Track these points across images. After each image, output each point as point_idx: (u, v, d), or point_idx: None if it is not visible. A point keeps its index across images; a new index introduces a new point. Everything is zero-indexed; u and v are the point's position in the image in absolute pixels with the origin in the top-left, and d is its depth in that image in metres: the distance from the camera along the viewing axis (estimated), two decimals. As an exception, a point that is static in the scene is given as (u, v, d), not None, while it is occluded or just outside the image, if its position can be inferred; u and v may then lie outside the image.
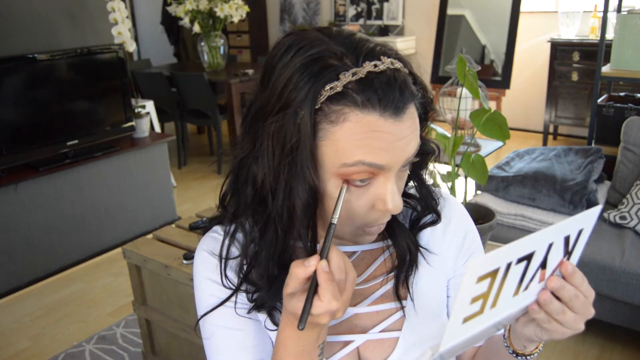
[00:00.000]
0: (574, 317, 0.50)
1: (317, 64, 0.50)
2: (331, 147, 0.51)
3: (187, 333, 1.59)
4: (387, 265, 0.66)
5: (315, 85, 0.50)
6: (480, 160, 1.30)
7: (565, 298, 0.49)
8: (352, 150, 0.50)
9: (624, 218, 1.90)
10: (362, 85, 0.50)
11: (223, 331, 0.63)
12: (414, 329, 0.64)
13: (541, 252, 0.47)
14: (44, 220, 2.47)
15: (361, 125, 0.50)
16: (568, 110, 3.93)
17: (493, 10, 4.14)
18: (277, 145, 0.52)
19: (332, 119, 0.50)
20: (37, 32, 2.52)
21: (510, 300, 0.48)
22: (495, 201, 2.05)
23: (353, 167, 0.51)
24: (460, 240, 0.68)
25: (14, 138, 2.35)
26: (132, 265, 1.67)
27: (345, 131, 0.50)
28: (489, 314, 0.48)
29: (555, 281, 0.49)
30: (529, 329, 0.53)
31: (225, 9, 3.61)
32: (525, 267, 0.46)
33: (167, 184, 3.01)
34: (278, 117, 0.52)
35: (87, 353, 1.95)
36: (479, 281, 0.44)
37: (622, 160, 2.10)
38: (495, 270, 0.44)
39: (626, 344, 1.85)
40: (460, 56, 1.26)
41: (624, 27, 2.31)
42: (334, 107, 0.50)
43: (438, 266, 0.67)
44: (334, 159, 0.51)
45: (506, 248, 0.43)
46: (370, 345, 0.64)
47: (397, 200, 0.54)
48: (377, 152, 0.51)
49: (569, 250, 0.49)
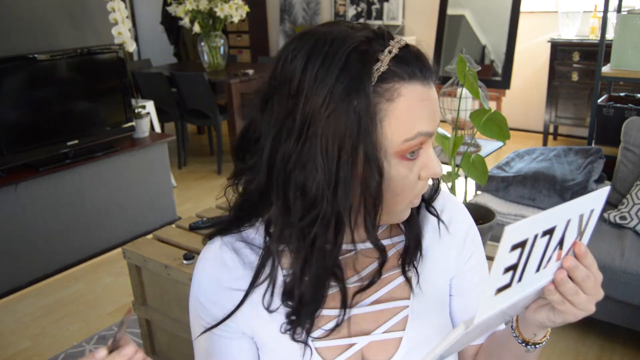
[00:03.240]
0: (586, 298, 0.51)
1: (354, 55, 0.52)
2: (393, 125, 0.53)
3: (187, 333, 1.58)
4: (393, 263, 0.65)
5: (364, 71, 0.51)
6: (480, 160, 1.30)
7: (579, 278, 0.50)
8: (411, 123, 0.53)
9: (624, 218, 1.90)
10: (400, 60, 0.53)
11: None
12: (416, 329, 0.64)
13: (560, 228, 0.48)
14: (44, 220, 2.47)
15: (412, 97, 0.53)
16: (568, 111, 3.93)
17: (493, 11, 4.14)
18: (333, 144, 0.51)
19: (388, 97, 0.52)
20: (37, 33, 2.52)
21: (533, 277, 0.49)
22: (495, 201, 2.05)
23: (415, 140, 0.54)
24: (462, 239, 0.68)
25: (14, 138, 2.35)
26: (132, 265, 1.67)
27: (402, 105, 0.53)
28: (516, 288, 0.48)
29: (571, 260, 0.50)
30: (541, 314, 0.54)
31: (225, 9, 3.61)
32: (548, 241, 0.47)
33: (167, 184, 3.01)
34: (331, 118, 0.51)
35: (87, 353, 1.95)
36: (512, 250, 0.45)
37: (622, 160, 2.10)
38: (525, 240, 0.45)
39: (626, 344, 1.85)
40: (460, 56, 1.26)
41: (624, 27, 2.31)
42: (385, 86, 0.52)
43: (440, 265, 0.67)
44: (397, 136, 0.53)
45: (534, 218, 0.44)
46: (374, 346, 0.63)
47: (439, 165, 0.57)
48: (429, 120, 0.54)
49: (581, 230, 0.51)
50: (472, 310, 0.69)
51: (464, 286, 0.69)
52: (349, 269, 0.64)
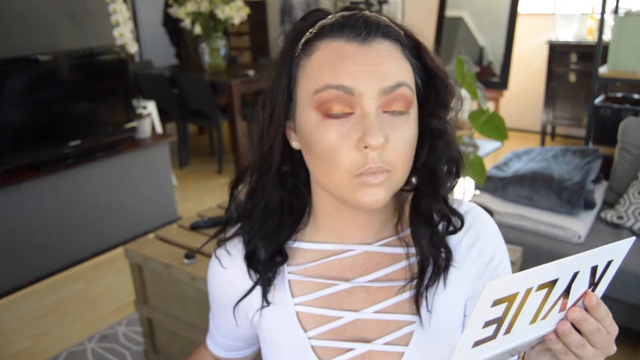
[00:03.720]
0: (593, 352, 0.47)
1: (293, 32, 0.57)
2: (305, 79, 0.54)
3: (188, 332, 1.59)
4: (406, 273, 0.61)
5: (297, 34, 0.56)
6: (478, 160, 1.31)
7: (587, 331, 0.46)
8: (320, 75, 0.53)
9: (621, 218, 1.92)
10: (332, 23, 0.54)
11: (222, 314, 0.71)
12: (421, 347, 0.61)
13: (565, 280, 0.44)
14: (46, 220, 2.48)
15: (329, 51, 0.53)
16: (565, 111, 3.94)
17: (491, 12, 4.15)
18: (266, 104, 0.58)
19: (307, 53, 0.55)
20: (40, 34, 2.52)
21: (526, 328, 0.45)
22: (493, 201, 2.06)
23: (324, 92, 0.52)
24: (486, 261, 0.63)
25: (16, 139, 2.36)
26: (133, 264, 1.67)
27: (315, 59, 0.54)
28: (502, 340, 0.45)
29: (577, 312, 0.46)
30: (544, 358, 0.50)
31: (226, 11, 3.62)
32: (546, 294, 0.44)
33: (168, 184, 3.02)
34: (270, 80, 0.58)
35: (89, 352, 1.96)
36: (494, 305, 0.41)
37: (619, 160, 2.12)
38: (513, 294, 0.42)
39: (623, 343, 1.85)
40: (459, 57, 1.27)
41: (621, 29, 2.33)
42: (307, 46, 0.55)
43: (457, 283, 0.62)
44: (308, 88, 0.54)
45: (528, 272, 0.41)
46: (373, 356, 0.61)
47: (377, 133, 0.50)
48: (344, 74, 0.51)
49: (594, 281, 0.46)
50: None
51: None
52: (356, 271, 0.63)
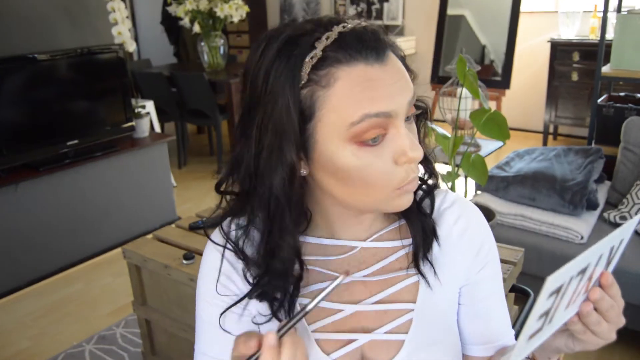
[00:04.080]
0: (608, 327, 0.51)
1: (290, 44, 0.52)
2: (332, 112, 0.51)
3: (187, 333, 1.59)
4: (402, 264, 0.64)
5: (295, 60, 0.51)
6: (480, 160, 1.30)
7: (603, 309, 0.50)
8: (353, 106, 0.50)
9: (624, 218, 1.90)
10: (338, 44, 0.51)
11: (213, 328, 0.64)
12: (421, 333, 0.63)
13: (592, 265, 0.48)
14: (44, 220, 2.46)
15: (352, 79, 0.50)
16: (568, 110, 3.93)
17: (493, 11, 4.13)
18: (266, 132, 0.52)
19: (324, 84, 0.51)
20: (38, 32, 2.51)
21: (562, 315, 0.49)
22: (495, 201, 2.05)
23: (362, 124, 0.50)
24: (476, 249, 0.66)
25: (14, 138, 2.35)
26: (132, 265, 1.67)
27: (340, 90, 0.51)
28: (546, 329, 0.48)
29: (598, 293, 0.50)
30: (559, 341, 0.53)
31: (225, 9, 3.61)
32: (580, 279, 0.47)
33: (167, 184, 3.01)
34: (267, 105, 0.52)
35: (87, 353, 1.95)
36: (549, 297, 0.44)
37: (622, 160, 2.10)
38: (561, 285, 0.45)
39: (626, 344, 1.84)
40: (460, 56, 1.26)
41: (624, 27, 2.31)
42: (321, 73, 0.51)
43: (451, 272, 0.66)
44: (340, 123, 0.51)
45: (573, 263, 0.44)
46: (375, 345, 0.63)
47: (417, 146, 0.53)
48: (378, 100, 0.51)
49: (609, 260, 0.51)
50: (481, 322, 0.68)
51: (473, 297, 0.67)
52: (354, 265, 0.64)
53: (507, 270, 1.41)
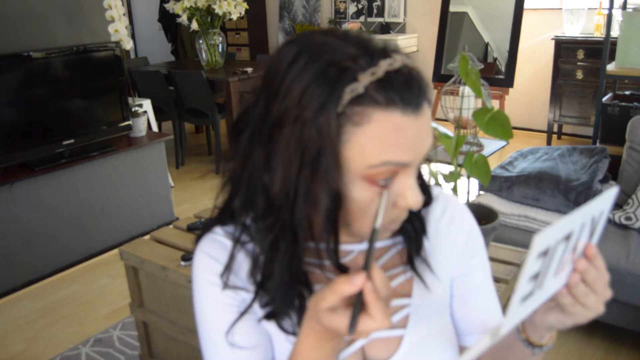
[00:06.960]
0: (596, 299, 0.52)
1: (332, 69, 0.50)
2: (356, 150, 0.51)
3: (185, 336, 1.57)
4: (395, 261, 0.66)
5: (336, 89, 0.50)
6: (483, 160, 1.29)
7: (590, 280, 0.51)
8: (377, 150, 0.51)
9: (629, 219, 1.87)
10: (382, 84, 0.50)
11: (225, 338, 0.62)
12: (419, 327, 0.65)
13: (576, 233, 0.49)
14: (40, 221, 2.44)
15: (385, 125, 0.50)
16: (572, 109, 3.89)
17: (496, 7, 4.10)
18: (296, 153, 0.51)
19: (356, 121, 0.50)
20: (33, 30, 2.50)
21: (551, 282, 0.50)
22: (498, 201, 2.02)
23: (379, 168, 0.51)
24: (464, 239, 0.69)
25: (9, 137, 2.32)
26: (129, 266, 1.65)
27: (371, 132, 0.50)
28: (538, 294, 0.49)
29: (583, 263, 0.51)
30: (550, 317, 0.55)
31: (223, 6, 3.58)
32: (565, 246, 0.49)
33: (164, 184, 2.99)
34: (296, 125, 0.51)
35: (83, 356, 1.93)
36: (538, 258, 0.45)
37: (627, 160, 2.07)
38: (547, 248, 0.46)
39: (632, 347, 1.82)
40: (463, 54, 1.24)
41: (629, 25, 2.28)
42: (356, 109, 0.50)
43: (442, 265, 0.68)
44: (359, 161, 0.51)
45: (559, 224, 0.45)
46: (375, 343, 0.64)
47: (419, 195, 0.55)
48: (403, 150, 0.51)
49: (591, 232, 0.52)
50: (474, 311, 0.70)
51: (465, 287, 0.69)
52: (353, 268, 0.63)
53: (511, 272, 1.38)
